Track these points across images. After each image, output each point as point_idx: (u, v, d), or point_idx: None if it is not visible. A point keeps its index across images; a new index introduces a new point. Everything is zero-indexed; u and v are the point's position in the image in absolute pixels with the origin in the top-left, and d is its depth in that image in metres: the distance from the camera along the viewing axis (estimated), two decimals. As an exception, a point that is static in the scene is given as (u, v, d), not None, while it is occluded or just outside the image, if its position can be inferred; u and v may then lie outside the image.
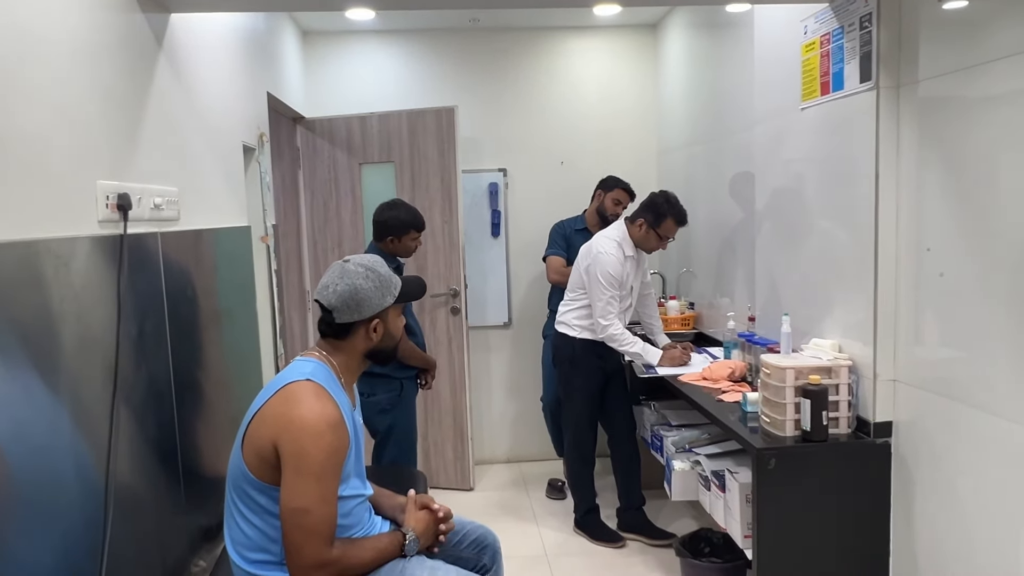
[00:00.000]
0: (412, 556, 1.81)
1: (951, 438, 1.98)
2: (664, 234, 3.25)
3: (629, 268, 3.27)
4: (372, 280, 1.81)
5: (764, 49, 2.87)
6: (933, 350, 2.04)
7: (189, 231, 2.18)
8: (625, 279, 3.26)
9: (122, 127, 1.82)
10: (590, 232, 3.74)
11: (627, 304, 3.32)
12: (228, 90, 2.72)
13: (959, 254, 1.92)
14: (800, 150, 2.60)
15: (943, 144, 1.97)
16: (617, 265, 3.20)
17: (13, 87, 1.37)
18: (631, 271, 3.29)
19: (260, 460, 1.66)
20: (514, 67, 4.45)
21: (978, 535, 1.90)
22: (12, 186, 1.36)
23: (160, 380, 1.94)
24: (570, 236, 3.90)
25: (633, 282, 3.33)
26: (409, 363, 3.02)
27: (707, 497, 2.71)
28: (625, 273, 3.25)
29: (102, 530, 1.56)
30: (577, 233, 3.88)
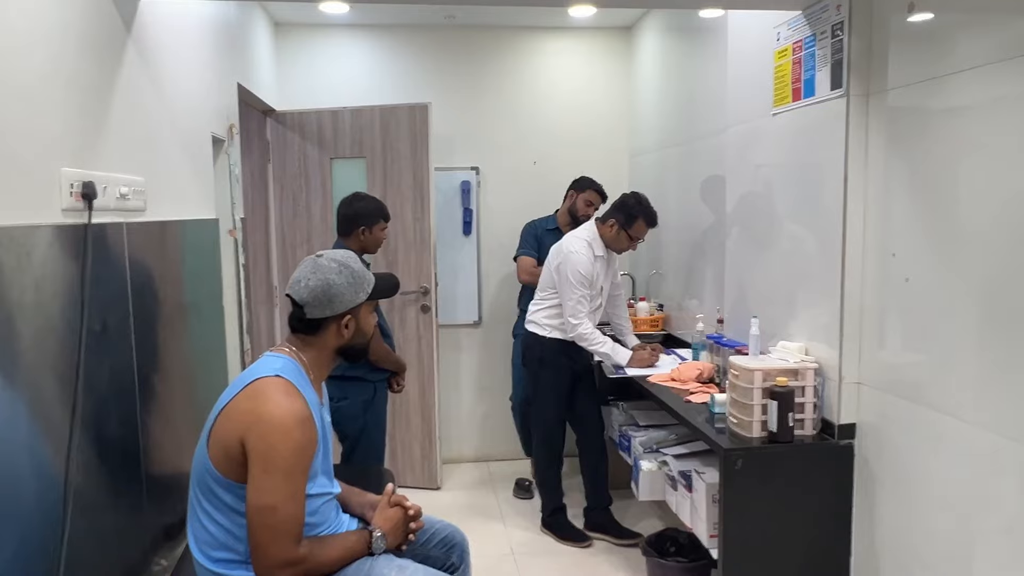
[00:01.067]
0: (380, 554, 1.80)
1: (912, 440, 2.02)
2: (635, 235, 3.28)
3: (599, 268, 3.29)
4: (345, 276, 1.79)
5: (737, 54, 2.90)
6: (897, 354, 2.08)
7: (155, 222, 2.13)
8: (595, 279, 3.27)
9: (88, 114, 1.77)
10: (561, 232, 3.74)
11: (597, 304, 3.33)
12: (198, 80, 2.67)
13: (924, 260, 1.96)
14: (771, 155, 2.64)
15: (910, 152, 2.01)
16: (587, 264, 3.22)
17: (-26, 69, 1.33)
18: (601, 271, 3.31)
19: (226, 457, 1.63)
20: (489, 66, 4.44)
21: (936, 534, 1.94)
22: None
23: (123, 374, 1.89)
24: (541, 236, 3.90)
25: (603, 282, 3.34)
26: (382, 366, 2.99)
27: (674, 497, 2.73)
28: (595, 273, 3.26)
29: (60, 528, 1.52)
30: (548, 233, 3.87)
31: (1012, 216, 1.67)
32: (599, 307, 3.36)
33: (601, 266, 3.31)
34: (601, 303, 3.38)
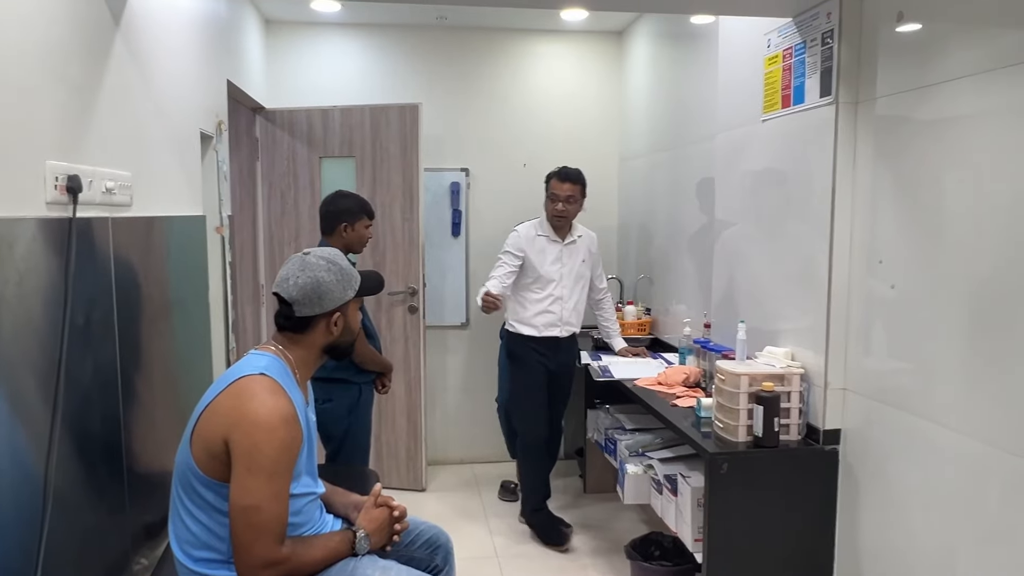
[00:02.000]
0: (363, 555, 1.79)
1: (896, 446, 2.03)
2: (551, 194, 3.36)
3: (542, 247, 3.35)
4: (334, 273, 1.78)
5: (728, 61, 2.92)
6: (882, 360, 2.10)
7: (142, 218, 2.11)
8: (533, 258, 3.33)
9: (74, 107, 1.75)
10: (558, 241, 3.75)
11: (547, 295, 3.35)
12: (187, 75, 2.65)
13: (910, 268, 1.97)
14: (760, 161, 2.65)
15: (897, 160, 2.03)
16: (516, 237, 3.36)
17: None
18: (547, 255, 3.35)
19: (209, 456, 1.62)
20: (480, 67, 4.44)
21: (919, 540, 1.96)
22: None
23: (106, 371, 1.87)
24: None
25: (552, 269, 3.35)
26: (367, 367, 2.97)
27: (659, 501, 2.73)
28: (533, 251, 3.33)
29: (39, 526, 1.50)
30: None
31: (996, 225, 1.69)
32: (555, 299, 3.36)
33: (547, 248, 3.35)
34: (557, 296, 3.36)
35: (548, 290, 3.35)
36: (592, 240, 3.50)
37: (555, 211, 3.31)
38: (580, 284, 3.42)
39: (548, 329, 3.37)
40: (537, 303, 3.36)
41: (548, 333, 3.37)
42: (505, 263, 3.35)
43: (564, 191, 3.29)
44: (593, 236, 3.52)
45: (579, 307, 3.43)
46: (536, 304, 3.37)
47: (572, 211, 3.33)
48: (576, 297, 3.40)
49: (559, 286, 3.36)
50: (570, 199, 3.30)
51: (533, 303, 3.37)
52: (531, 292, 3.37)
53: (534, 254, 3.33)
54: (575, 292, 3.40)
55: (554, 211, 3.31)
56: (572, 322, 3.41)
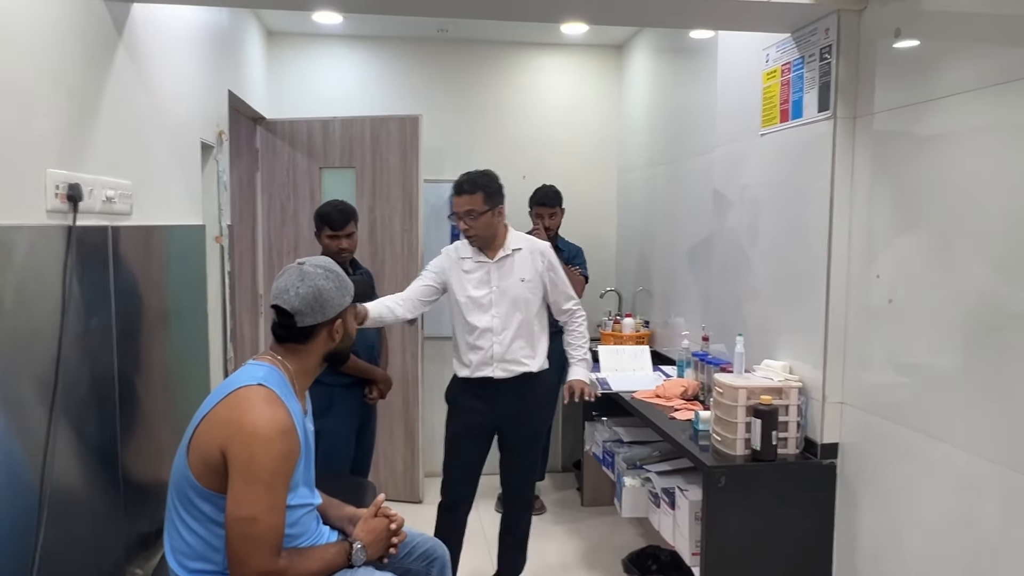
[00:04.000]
0: (359, 566, 1.78)
1: (894, 461, 2.03)
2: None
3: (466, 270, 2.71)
4: (332, 280, 1.78)
5: (727, 75, 2.94)
6: (879, 375, 2.10)
7: (141, 227, 2.12)
8: (453, 282, 2.72)
9: (76, 116, 1.76)
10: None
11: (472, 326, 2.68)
12: (188, 85, 2.66)
13: (907, 282, 1.98)
14: (758, 175, 2.66)
15: (894, 175, 2.04)
16: (441, 257, 2.78)
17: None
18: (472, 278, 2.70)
19: (206, 466, 1.61)
20: (480, 80, 4.46)
21: (916, 554, 1.95)
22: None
23: (103, 380, 1.86)
24: None
25: (478, 297, 2.68)
26: (348, 372, 2.95)
27: (656, 514, 2.72)
28: (453, 273, 2.72)
29: (34, 535, 1.49)
30: None
31: (993, 240, 1.70)
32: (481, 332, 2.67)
33: (472, 270, 2.70)
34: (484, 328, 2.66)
35: (473, 320, 2.68)
36: (540, 253, 2.74)
37: (461, 227, 2.68)
38: (521, 310, 2.68)
39: (480, 369, 2.69)
40: (465, 337, 2.71)
41: (480, 373, 2.69)
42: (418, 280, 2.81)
43: (461, 206, 2.64)
44: (542, 247, 2.77)
45: (526, 339, 2.69)
46: (465, 338, 2.71)
47: (479, 227, 2.64)
48: (515, 327, 2.66)
49: (487, 315, 2.67)
50: (470, 214, 2.62)
51: (462, 337, 2.72)
52: (459, 324, 2.73)
53: (454, 278, 2.72)
54: (512, 320, 2.66)
55: (462, 228, 2.68)
56: (514, 359, 2.68)
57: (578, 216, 4.29)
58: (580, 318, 2.83)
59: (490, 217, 2.66)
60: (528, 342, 2.70)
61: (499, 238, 2.72)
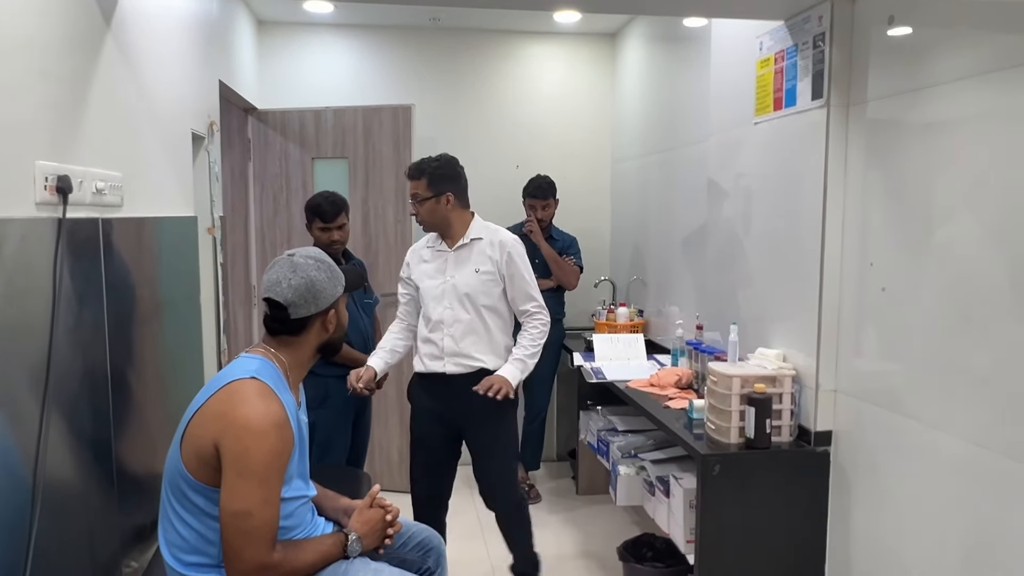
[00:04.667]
0: (355, 558, 1.78)
1: (887, 448, 2.04)
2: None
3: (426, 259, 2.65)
4: (324, 271, 1.77)
5: (720, 63, 2.93)
6: (873, 362, 2.11)
7: (132, 218, 2.10)
8: (414, 272, 2.67)
9: (64, 107, 1.74)
10: (528, 239, 3.70)
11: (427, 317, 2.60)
12: (178, 76, 2.64)
13: (900, 270, 1.98)
14: (752, 163, 2.66)
15: (887, 163, 2.04)
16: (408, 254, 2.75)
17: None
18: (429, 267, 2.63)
19: (199, 460, 1.61)
20: (473, 68, 4.44)
21: (909, 540, 1.96)
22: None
23: (96, 373, 1.86)
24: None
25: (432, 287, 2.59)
26: (342, 362, 2.95)
27: (651, 502, 2.74)
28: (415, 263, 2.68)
29: (27, 528, 1.49)
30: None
31: (986, 228, 1.70)
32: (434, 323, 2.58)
33: (431, 259, 2.63)
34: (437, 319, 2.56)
35: (428, 311, 2.59)
36: (501, 244, 2.58)
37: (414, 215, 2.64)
38: (472, 301, 2.54)
39: (432, 363, 2.59)
40: (423, 329, 2.62)
41: (432, 368, 2.59)
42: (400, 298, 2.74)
43: (410, 190, 2.61)
44: (506, 239, 2.60)
45: (480, 334, 2.55)
46: (422, 330, 2.63)
47: (423, 212, 2.58)
48: (468, 320, 2.54)
49: (440, 306, 2.56)
50: (415, 198, 2.58)
51: (420, 330, 2.65)
52: (421, 316, 2.66)
53: (415, 267, 2.66)
54: (463, 313, 2.54)
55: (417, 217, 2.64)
56: (467, 354, 2.54)
57: (572, 206, 4.29)
58: (538, 321, 2.60)
59: (434, 204, 2.56)
60: (482, 337, 2.56)
61: (456, 227, 2.60)
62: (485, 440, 2.65)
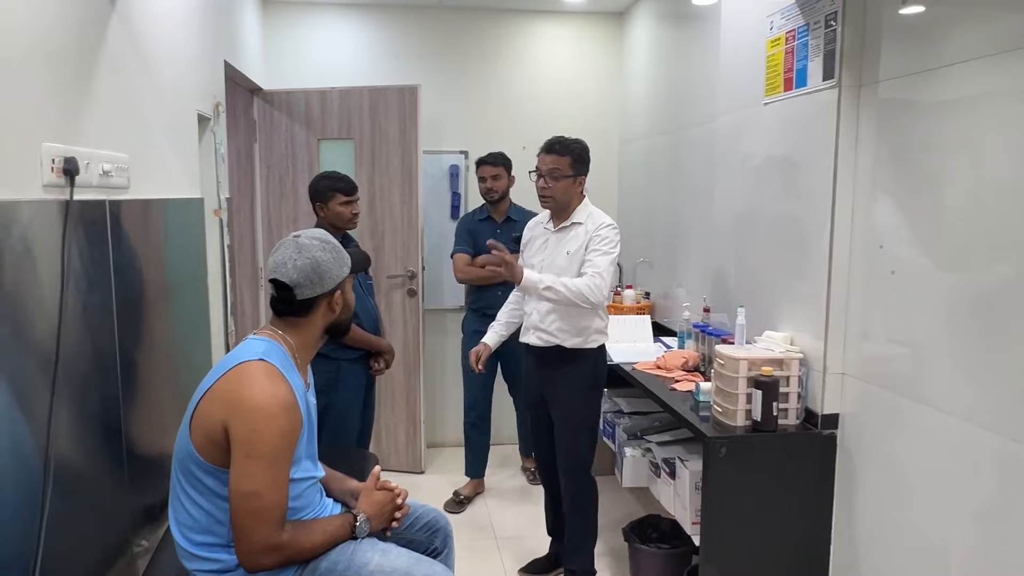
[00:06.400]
0: (363, 538, 1.79)
1: (894, 431, 2.04)
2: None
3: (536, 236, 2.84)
4: (329, 251, 1.78)
5: (729, 43, 2.89)
6: (881, 345, 2.10)
7: (139, 200, 2.10)
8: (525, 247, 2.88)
9: (70, 88, 1.74)
10: (495, 221, 3.71)
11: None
12: (183, 56, 2.62)
13: (910, 253, 1.97)
14: (761, 144, 2.63)
15: (899, 145, 2.01)
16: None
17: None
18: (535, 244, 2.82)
19: (209, 441, 1.62)
20: (479, 49, 4.40)
21: (915, 523, 1.97)
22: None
23: (105, 354, 1.87)
24: (474, 229, 3.73)
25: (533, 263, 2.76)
26: (352, 344, 2.96)
27: (657, 484, 2.75)
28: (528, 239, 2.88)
29: (39, 508, 1.50)
30: (481, 224, 3.75)
31: (998, 210, 1.68)
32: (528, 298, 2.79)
33: (539, 237, 2.80)
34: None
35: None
36: (595, 227, 2.66)
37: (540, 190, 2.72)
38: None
39: (526, 334, 2.79)
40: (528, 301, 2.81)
41: (525, 339, 2.79)
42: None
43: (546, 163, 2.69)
44: (600, 223, 2.67)
45: (561, 314, 2.65)
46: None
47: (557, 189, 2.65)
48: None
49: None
50: (553, 173, 2.66)
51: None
52: None
53: (530, 242, 2.84)
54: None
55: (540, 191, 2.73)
56: (547, 329, 2.67)
57: (579, 187, 4.26)
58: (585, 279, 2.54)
59: (570, 183, 2.67)
60: (563, 315, 2.65)
61: (569, 209, 2.70)
62: (559, 413, 2.76)
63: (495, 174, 3.69)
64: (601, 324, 2.74)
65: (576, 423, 2.73)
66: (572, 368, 2.70)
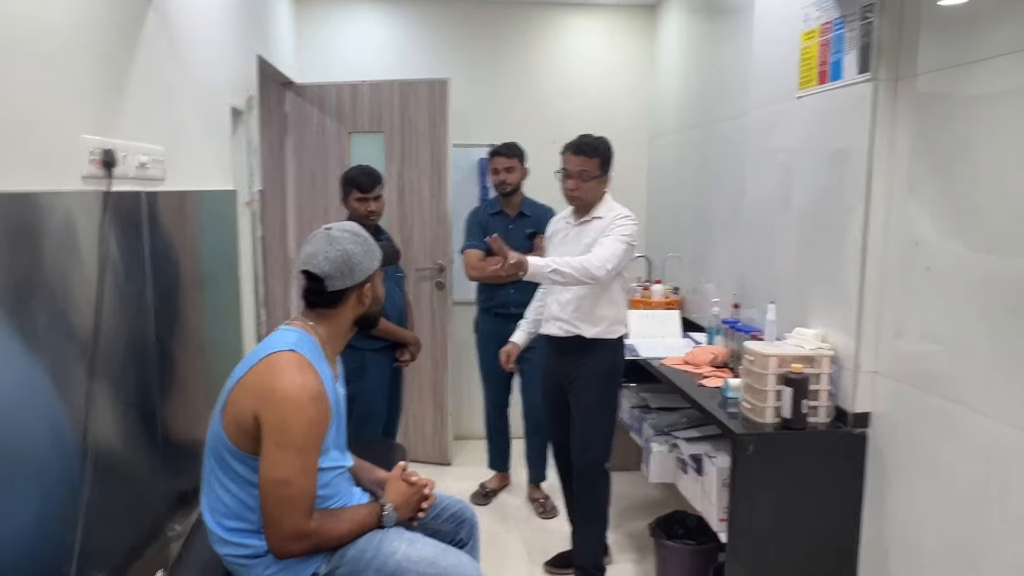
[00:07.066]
0: (390, 528, 1.81)
1: (927, 431, 2.00)
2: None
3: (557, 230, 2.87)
4: (360, 244, 1.79)
5: (763, 36, 2.85)
6: (915, 344, 2.06)
7: (174, 192, 2.14)
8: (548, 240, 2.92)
9: (108, 81, 1.77)
10: (507, 215, 3.55)
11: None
12: (218, 50, 2.66)
13: (947, 250, 1.93)
14: (794, 139, 2.60)
15: (937, 139, 1.97)
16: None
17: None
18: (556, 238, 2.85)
19: (240, 430, 1.65)
20: (509, 42, 4.40)
21: (946, 526, 1.93)
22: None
23: (141, 342, 1.91)
24: (486, 223, 3.56)
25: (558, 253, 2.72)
26: (379, 335, 2.99)
27: (684, 480, 2.73)
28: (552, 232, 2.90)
29: (78, 492, 1.54)
30: (492, 218, 3.58)
31: (1040, 207, 1.64)
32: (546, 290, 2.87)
33: (560, 230, 2.83)
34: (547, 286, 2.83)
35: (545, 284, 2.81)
36: (612, 220, 2.66)
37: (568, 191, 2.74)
38: None
39: (546, 325, 2.81)
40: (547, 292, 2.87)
41: (546, 330, 2.81)
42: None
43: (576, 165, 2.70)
44: (618, 215, 2.68)
45: (580, 304, 2.66)
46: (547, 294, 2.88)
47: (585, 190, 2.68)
48: (571, 291, 2.66)
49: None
50: (583, 175, 2.68)
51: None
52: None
53: (552, 236, 2.87)
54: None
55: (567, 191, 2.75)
56: (566, 319, 2.69)
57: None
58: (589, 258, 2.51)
59: (598, 183, 2.70)
60: (583, 306, 2.67)
61: (592, 205, 2.73)
62: (578, 404, 2.76)
63: (508, 166, 3.50)
64: (619, 314, 2.75)
65: (593, 417, 2.74)
66: (591, 358, 2.71)
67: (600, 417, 2.75)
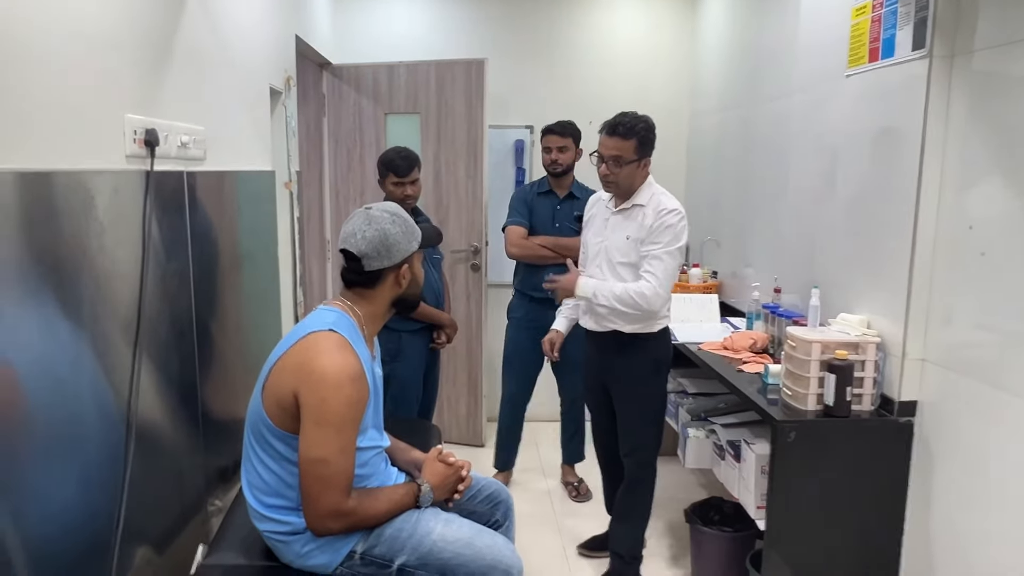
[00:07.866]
0: (426, 507, 1.82)
1: (977, 421, 1.94)
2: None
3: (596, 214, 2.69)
4: (399, 225, 1.79)
5: (810, 12, 2.76)
6: (967, 331, 1.99)
7: (214, 172, 2.15)
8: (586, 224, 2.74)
9: (150, 61, 1.78)
10: (555, 194, 3.43)
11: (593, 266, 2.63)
12: (257, 31, 2.67)
13: (1003, 234, 1.85)
14: (842, 119, 2.52)
15: (995, 120, 1.89)
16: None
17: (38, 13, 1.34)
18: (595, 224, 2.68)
19: (279, 408, 1.66)
20: (547, 21, 4.34)
21: (997, 522, 1.87)
22: (37, 115, 1.33)
23: (182, 320, 1.93)
24: (532, 202, 3.45)
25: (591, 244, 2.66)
26: (416, 317, 2.99)
27: (721, 466, 2.70)
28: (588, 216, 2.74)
29: (122, 466, 1.57)
30: (540, 197, 3.45)
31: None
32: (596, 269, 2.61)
33: (599, 215, 2.65)
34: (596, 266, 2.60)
35: (583, 262, 2.70)
36: (658, 214, 2.47)
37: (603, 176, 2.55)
38: (616, 267, 2.53)
39: (584, 316, 2.67)
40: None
41: (584, 322, 2.68)
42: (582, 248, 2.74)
43: (609, 149, 2.50)
44: (665, 208, 2.48)
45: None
46: None
47: (621, 176, 2.49)
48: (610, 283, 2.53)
49: (591, 263, 2.62)
50: (617, 160, 2.48)
51: None
52: None
53: (591, 220, 2.70)
54: (610, 275, 2.54)
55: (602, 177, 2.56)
56: (601, 313, 2.55)
57: (646, 163, 4.17)
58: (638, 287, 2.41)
59: (635, 168, 2.49)
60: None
61: (632, 190, 2.53)
62: (620, 400, 2.66)
63: (562, 145, 3.33)
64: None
65: (638, 412, 2.64)
66: (632, 355, 2.57)
67: (645, 419, 2.65)
